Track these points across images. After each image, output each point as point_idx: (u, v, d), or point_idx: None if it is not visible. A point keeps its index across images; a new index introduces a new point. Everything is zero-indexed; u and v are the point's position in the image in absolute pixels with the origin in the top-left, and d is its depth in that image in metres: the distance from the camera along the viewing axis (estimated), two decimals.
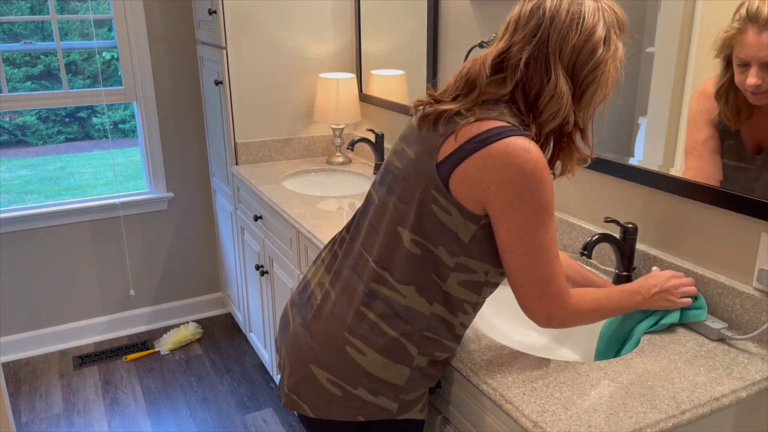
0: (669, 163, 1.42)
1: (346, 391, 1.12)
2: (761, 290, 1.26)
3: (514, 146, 1.02)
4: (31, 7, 3.51)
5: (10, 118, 6.05)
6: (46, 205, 2.94)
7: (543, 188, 1.03)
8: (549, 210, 1.05)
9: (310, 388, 1.15)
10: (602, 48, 1.05)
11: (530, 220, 1.04)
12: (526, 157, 1.01)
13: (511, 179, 1.02)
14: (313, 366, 1.14)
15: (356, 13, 2.71)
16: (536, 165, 1.02)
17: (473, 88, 1.09)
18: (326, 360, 1.13)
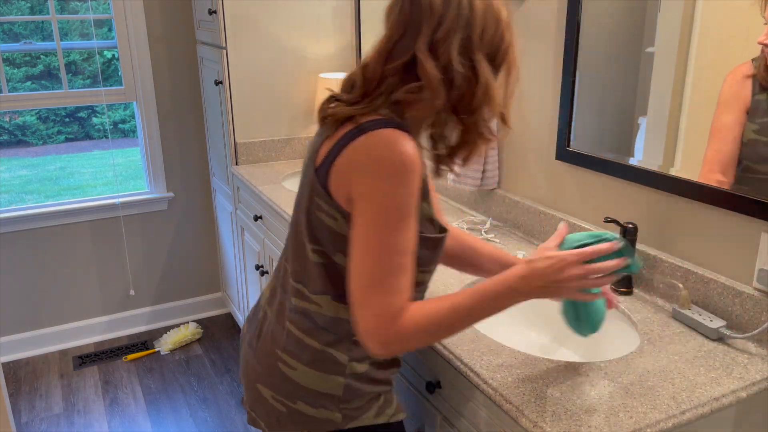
0: (669, 163, 1.42)
1: (288, 407, 1.11)
2: (761, 290, 1.26)
3: (380, 137, 0.95)
4: (31, 7, 3.51)
5: (10, 118, 6.05)
6: (46, 205, 2.94)
7: (402, 185, 0.93)
8: (404, 212, 0.94)
9: (260, 406, 1.15)
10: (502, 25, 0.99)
11: (379, 216, 0.93)
12: (391, 149, 0.94)
13: (370, 170, 0.94)
14: (259, 385, 1.14)
15: (356, 13, 2.71)
16: (400, 158, 0.93)
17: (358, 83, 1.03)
18: (267, 378, 1.13)
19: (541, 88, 1.75)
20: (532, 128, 1.81)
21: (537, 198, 1.83)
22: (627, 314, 1.40)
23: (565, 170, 1.72)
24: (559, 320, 1.53)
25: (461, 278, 1.56)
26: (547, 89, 1.73)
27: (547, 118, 1.74)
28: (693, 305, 1.36)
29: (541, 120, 1.77)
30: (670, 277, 1.42)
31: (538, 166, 1.81)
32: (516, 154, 1.89)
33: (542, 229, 1.78)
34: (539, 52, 1.73)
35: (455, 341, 1.26)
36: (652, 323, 1.34)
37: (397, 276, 0.94)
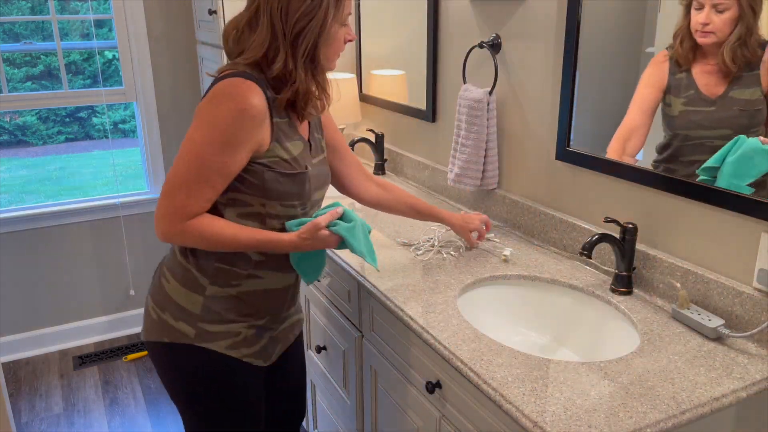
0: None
1: (159, 315, 1.31)
2: (761, 290, 1.26)
3: (224, 82, 1.18)
4: (31, 8, 3.51)
5: (10, 118, 6.06)
6: (46, 205, 2.94)
7: (229, 115, 1.15)
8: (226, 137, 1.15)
9: (145, 314, 1.36)
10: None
11: (201, 132, 1.17)
12: (228, 87, 1.17)
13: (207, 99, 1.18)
14: (148, 295, 1.37)
15: (356, 13, 2.71)
16: (232, 94, 1.16)
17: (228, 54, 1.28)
18: (152, 289, 1.35)
19: (541, 88, 1.75)
20: (532, 128, 1.81)
21: (537, 198, 1.83)
22: (627, 314, 1.40)
23: (565, 170, 1.72)
24: (558, 320, 1.53)
25: (461, 279, 1.56)
26: (547, 89, 1.73)
27: (547, 118, 1.74)
28: (692, 305, 1.36)
29: (541, 120, 1.77)
30: (670, 277, 1.42)
31: (538, 166, 1.81)
32: (516, 154, 1.89)
33: (542, 229, 1.78)
34: (539, 52, 1.73)
35: (455, 341, 1.26)
36: (652, 323, 1.35)
37: (200, 185, 1.17)
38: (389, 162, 2.57)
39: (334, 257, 1.74)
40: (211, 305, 1.29)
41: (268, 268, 1.33)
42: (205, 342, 1.29)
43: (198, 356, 1.30)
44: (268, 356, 1.42)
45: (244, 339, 1.33)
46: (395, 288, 1.51)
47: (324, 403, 2.06)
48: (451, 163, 2.01)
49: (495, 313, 1.56)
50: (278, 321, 1.44)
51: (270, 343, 1.42)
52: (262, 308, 1.35)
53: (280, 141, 1.25)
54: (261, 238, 1.24)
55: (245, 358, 1.35)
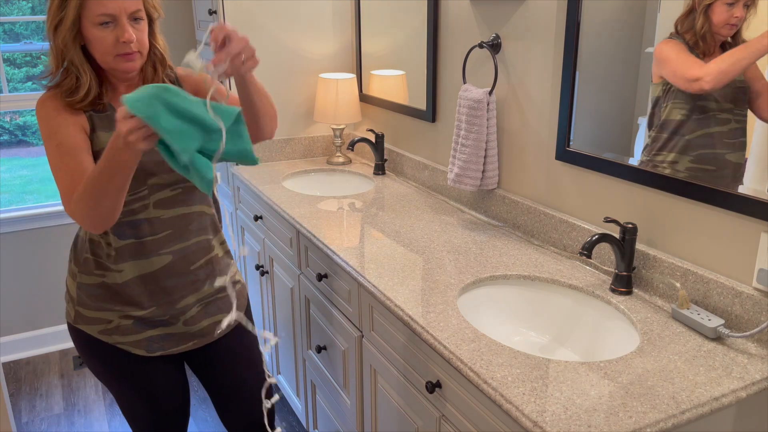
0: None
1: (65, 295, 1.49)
2: (761, 290, 1.26)
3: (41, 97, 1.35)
4: (32, 8, 3.51)
5: (10, 118, 6.05)
6: (46, 205, 2.94)
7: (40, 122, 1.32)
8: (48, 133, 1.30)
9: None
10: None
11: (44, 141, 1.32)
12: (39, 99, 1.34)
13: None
14: None
15: (356, 13, 2.71)
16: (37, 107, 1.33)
17: None
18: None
19: (541, 88, 1.75)
20: (532, 128, 1.81)
21: (537, 198, 1.83)
22: (627, 314, 1.40)
23: (565, 170, 1.72)
24: (558, 320, 1.53)
25: (461, 279, 1.56)
26: (547, 89, 1.73)
27: (547, 118, 1.74)
28: (692, 305, 1.36)
29: (541, 120, 1.77)
30: (670, 277, 1.43)
31: (538, 166, 1.81)
32: (516, 154, 1.89)
33: (542, 229, 1.78)
34: (539, 52, 1.73)
35: (455, 341, 1.26)
36: (652, 323, 1.35)
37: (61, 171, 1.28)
38: (389, 162, 2.57)
39: (334, 257, 1.74)
40: (82, 291, 1.43)
41: (125, 260, 1.41)
42: (80, 324, 1.44)
43: (80, 336, 1.46)
44: (158, 348, 1.48)
45: (117, 327, 1.43)
46: (395, 288, 1.51)
47: (324, 403, 2.06)
48: (451, 163, 2.01)
49: (495, 313, 1.56)
50: (171, 314, 1.47)
51: (168, 338, 1.48)
52: (134, 300, 1.43)
53: (95, 131, 1.35)
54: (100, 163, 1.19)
55: (120, 345, 1.45)
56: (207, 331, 1.53)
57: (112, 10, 1.27)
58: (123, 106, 1.05)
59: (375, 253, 1.73)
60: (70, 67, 1.31)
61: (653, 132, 1.46)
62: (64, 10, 1.26)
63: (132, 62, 1.33)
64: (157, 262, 1.43)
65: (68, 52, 1.30)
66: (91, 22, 1.27)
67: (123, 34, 1.28)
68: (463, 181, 1.96)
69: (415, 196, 2.25)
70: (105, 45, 1.29)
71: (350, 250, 1.75)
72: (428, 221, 1.98)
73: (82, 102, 1.33)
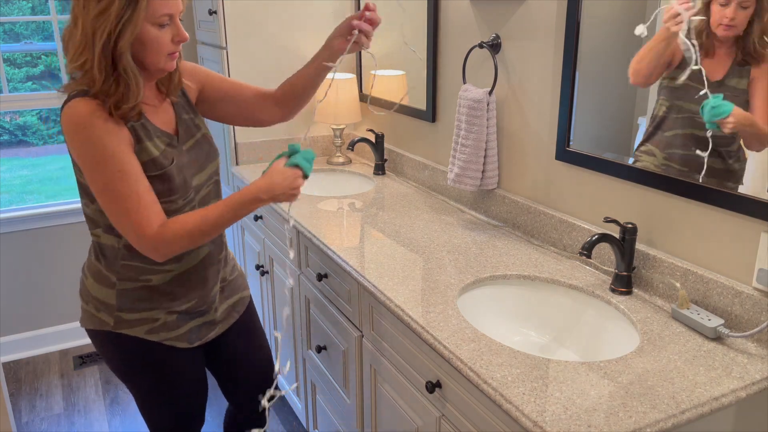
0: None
1: (84, 307, 1.46)
2: (761, 290, 1.26)
3: (66, 108, 1.23)
4: (32, 8, 3.51)
5: (10, 118, 6.06)
6: (47, 205, 2.94)
7: (81, 138, 1.22)
8: (101, 153, 1.22)
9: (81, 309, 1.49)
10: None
11: (88, 163, 1.24)
12: (69, 113, 1.22)
13: (67, 134, 1.24)
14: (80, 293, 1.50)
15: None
16: (73, 119, 1.21)
17: None
18: (80, 288, 1.48)
19: (541, 88, 1.75)
20: (532, 128, 1.81)
21: (537, 198, 1.83)
22: (627, 314, 1.40)
23: (564, 170, 1.72)
24: (558, 320, 1.53)
25: (461, 279, 1.56)
26: (547, 89, 1.73)
27: (547, 118, 1.74)
28: (692, 305, 1.36)
29: (541, 120, 1.77)
30: (670, 277, 1.43)
31: (538, 166, 1.81)
32: (516, 154, 1.89)
33: (542, 229, 1.78)
34: (539, 52, 1.73)
35: (455, 341, 1.26)
36: (652, 323, 1.35)
37: (130, 200, 1.24)
38: (389, 162, 2.57)
39: (334, 257, 1.74)
40: (123, 297, 1.40)
41: (175, 261, 1.41)
42: (123, 329, 1.42)
43: (120, 341, 1.43)
44: (198, 337, 1.51)
45: (164, 324, 1.44)
46: (395, 288, 1.51)
47: (324, 403, 2.06)
48: (451, 163, 2.01)
49: (495, 313, 1.56)
50: (207, 303, 1.51)
51: (203, 327, 1.52)
52: (179, 295, 1.44)
53: (142, 143, 1.30)
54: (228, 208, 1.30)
55: (166, 341, 1.45)
56: (226, 315, 1.59)
57: (172, 9, 1.25)
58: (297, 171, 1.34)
59: (375, 253, 1.73)
60: (123, 74, 1.23)
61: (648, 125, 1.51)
62: (130, 14, 1.18)
63: (175, 60, 1.33)
64: (200, 254, 1.46)
65: (126, 57, 1.22)
66: (152, 23, 1.23)
67: (179, 33, 1.28)
68: (463, 181, 1.96)
69: (415, 196, 2.25)
70: (162, 45, 1.26)
71: (350, 250, 1.75)
72: (428, 221, 1.98)
73: (132, 110, 1.26)
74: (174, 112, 1.41)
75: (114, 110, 1.23)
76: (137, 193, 1.25)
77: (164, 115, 1.39)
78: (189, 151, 1.41)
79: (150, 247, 1.27)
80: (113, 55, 1.21)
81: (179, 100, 1.44)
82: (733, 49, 1.31)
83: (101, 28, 1.18)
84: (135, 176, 1.25)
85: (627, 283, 1.47)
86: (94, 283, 1.42)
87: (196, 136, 1.45)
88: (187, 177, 1.38)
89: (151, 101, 1.36)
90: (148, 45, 1.25)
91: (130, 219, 1.25)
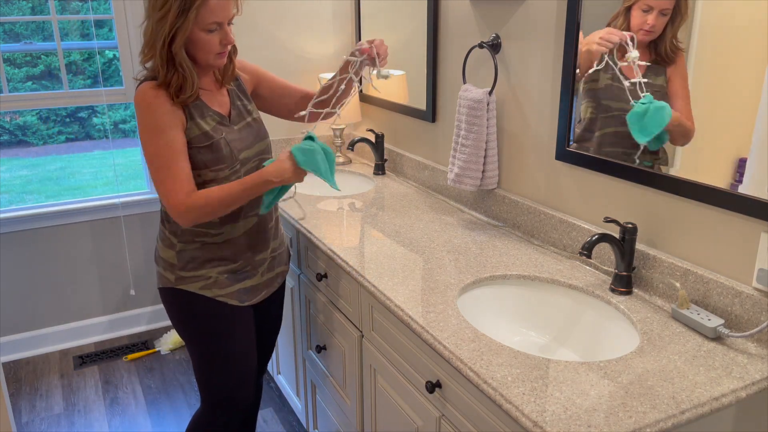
0: (669, 163, 1.42)
1: (156, 268, 1.68)
2: (761, 290, 1.26)
3: (137, 89, 1.50)
4: (32, 8, 3.51)
5: (10, 118, 6.06)
6: (47, 205, 2.94)
7: (144, 114, 1.47)
8: (155, 128, 1.47)
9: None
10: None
11: (145, 134, 1.48)
12: (138, 93, 1.49)
13: (136, 111, 1.50)
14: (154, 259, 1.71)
15: (356, 13, 2.71)
16: (141, 98, 1.48)
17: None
18: (154, 253, 1.70)
19: (541, 88, 1.75)
20: (532, 128, 1.81)
21: (537, 198, 1.83)
22: (627, 314, 1.40)
23: (565, 170, 1.72)
24: (558, 320, 1.53)
25: (461, 279, 1.56)
26: (547, 89, 1.73)
27: (547, 118, 1.74)
28: (692, 305, 1.36)
29: (541, 120, 1.77)
30: (670, 277, 1.43)
31: (538, 166, 1.81)
32: (516, 154, 1.89)
33: (542, 229, 1.78)
34: (539, 52, 1.73)
35: (455, 341, 1.27)
36: (652, 323, 1.35)
37: (168, 171, 1.48)
38: (389, 162, 2.57)
39: (334, 257, 1.74)
40: (182, 257, 1.61)
41: (222, 225, 1.61)
42: (182, 285, 1.62)
43: (180, 296, 1.63)
44: (248, 297, 1.69)
45: (215, 282, 1.62)
46: (395, 288, 1.51)
47: (324, 403, 2.06)
48: (451, 163, 2.01)
49: (495, 313, 1.56)
50: (255, 266, 1.69)
51: (251, 289, 1.70)
52: (230, 254, 1.63)
53: (194, 119, 1.54)
54: (244, 186, 1.50)
55: (218, 297, 1.63)
56: (270, 283, 1.77)
57: (220, 18, 1.50)
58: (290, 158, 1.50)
59: (375, 253, 1.73)
60: (179, 68, 1.48)
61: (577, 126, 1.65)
62: (182, 22, 1.43)
63: (224, 58, 1.57)
64: (248, 222, 1.65)
65: (180, 55, 1.47)
66: (201, 28, 1.47)
67: (227, 37, 1.54)
68: (463, 181, 1.96)
69: (415, 196, 2.25)
70: (211, 47, 1.51)
71: (350, 250, 1.75)
72: (428, 221, 1.98)
73: (190, 97, 1.51)
74: (229, 97, 1.65)
75: (175, 97, 1.49)
76: (176, 166, 1.48)
77: (220, 99, 1.63)
78: (240, 131, 1.62)
79: (176, 212, 1.48)
80: (171, 52, 1.46)
81: (234, 88, 1.68)
82: (647, 50, 1.42)
83: (161, 32, 1.44)
84: (177, 152, 1.48)
85: (627, 283, 1.47)
86: (162, 246, 1.64)
87: (247, 119, 1.66)
88: (234, 150, 1.59)
89: (208, 87, 1.60)
90: (198, 46, 1.49)
91: (165, 187, 1.48)
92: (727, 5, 1.24)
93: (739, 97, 1.25)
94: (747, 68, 1.22)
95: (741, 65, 1.24)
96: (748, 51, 1.22)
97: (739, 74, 1.24)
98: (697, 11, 1.31)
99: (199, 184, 1.55)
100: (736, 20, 1.23)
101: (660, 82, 1.41)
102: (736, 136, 1.26)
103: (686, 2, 1.33)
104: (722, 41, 1.27)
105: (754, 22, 1.20)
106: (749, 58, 1.22)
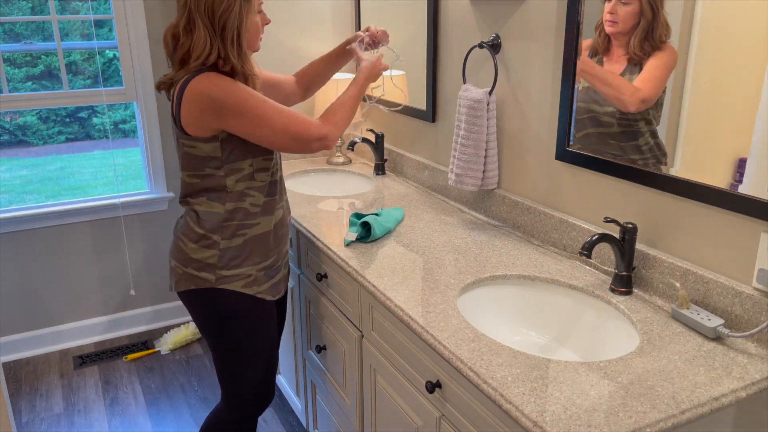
0: (669, 163, 1.42)
1: (183, 270, 1.63)
2: (761, 290, 1.26)
3: (195, 82, 1.46)
4: (32, 8, 3.51)
5: (10, 118, 6.06)
6: (47, 205, 2.94)
7: (228, 89, 1.46)
8: (251, 95, 1.48)
9: (170, 273, 1.68)
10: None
11: (239, 108, 1.47)
12: (203, 82, 1.46)
13: (204, 102, 1.46)
14: (170, 257, 1.69)
15: (356, 13, 2.71)
16: (218, 81, 1.46)
17: (171, 58, 1.56)
18: (173, 252, 1.66)
19: (541, 88, 1.75)
20: (532, 128, 1.81)
21: (537, 198, 1.83)
22: (627, 314, 1.40)
23: (565, 170, 1.72)
24: (558, 320, 1.53)
25: (461, 279, 1.56)
26: (547, 89, 1.73)
27: (547, 118, 1.74)
28: (692, 305, 1.36)
29: (541, 120, 1.77)
30: (670, 277, 1.43)
31: (538, 166, 1.81)
32: (516, 154, 1.89)
33: (542, 229, 1.78)
34: (539, 52, 1.73)
35: (455, 341, 1.27)
36: (652, 323, 1.35)
37: (286, 115, 1.52)
38: (389, 162, 2.58)
39: (334, 257, 1.74)
40: (224, 255, 1.60)
41: (261, 215, 1.63)
42: (224, 284, 1.61)
43: (220, 296, 1.62)
44: (277, 291, 1.73)
45: (255, 279, 1.64)
46: (395, 288, 1.51)
47: (324, 403, 2.06)
48: (452, 164, 2.01)
49: (495, 313, 1.56)
50: (282, 261, 1.74)
51: (281, 281, 1.75)
52: (265, 250, 1.65)
53: None
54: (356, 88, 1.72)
55: (258, 294, 1.65)
56: (288, 277, 1.83)
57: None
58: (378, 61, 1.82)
59: (375, 253, 1.73)
60: (245, 59, 1.53)
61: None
62: (248, 6, 1.48)
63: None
64: (279, 214, 1.70)
65: (234, 38, 1.49)
66: (254, 12, 1.52)
67: (265, 17, 1.60)
68: (463, 181, 1.96)
69: (415, 196, 2.25)
70: (258, 29, 1.56)
71: (350, 250, 1.75)
72: (428, 221, 1.98)
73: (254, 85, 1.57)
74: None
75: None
76: (287, 110, 1.53)
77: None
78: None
79: (322, 135, 1.56)
80: (232, 41, 1.48)
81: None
82: (625, 50, 1.42)
83: (230, 25, 1.46)
84: (276, 103, 1.52)
85: (627, 283, 1.47)
86: (196, 247, 1.60)
87: None
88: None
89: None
90: (252, 30, 1.53)
91: (296, 129, 1.53)
92: (727, 5, 1.24)
93: (739, 98, 1.25)
94: (747, 68, 1.22)
95: (741, 65, 1.24)
96: (748, 51, 1.22)
97: (739, 74, 1.25)
98: (697, 11, 1.31)
99: (247, 177, 1.58)
100: (736, 20, 1.24)
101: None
102: (736, 137, 1.27)
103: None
104: (722, 41, 1.27)
105: (754, 22, 1.20)
106: (749, 58, 1.22)
